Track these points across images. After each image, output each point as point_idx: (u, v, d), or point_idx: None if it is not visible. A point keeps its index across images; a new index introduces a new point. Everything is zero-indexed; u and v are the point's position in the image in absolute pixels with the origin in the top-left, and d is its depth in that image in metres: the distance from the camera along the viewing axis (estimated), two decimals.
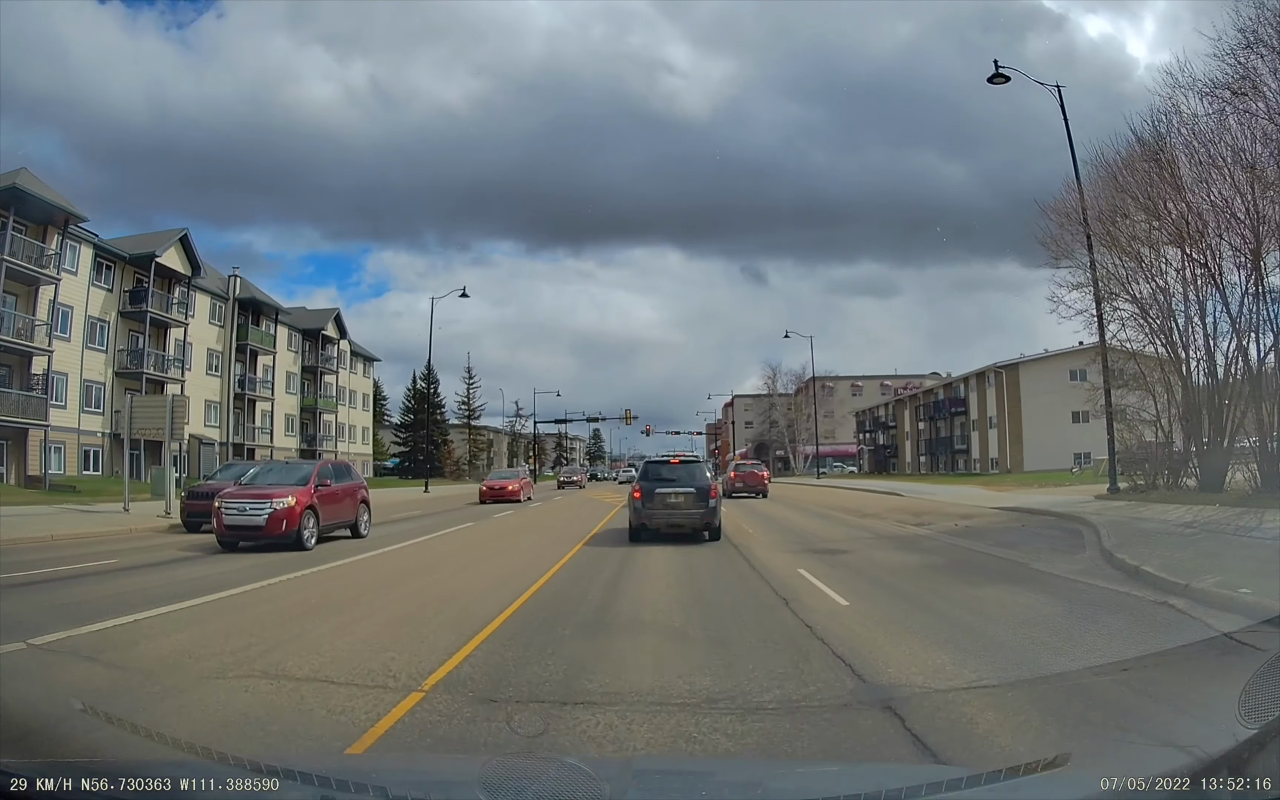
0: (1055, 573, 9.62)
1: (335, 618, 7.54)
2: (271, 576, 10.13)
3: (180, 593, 8.74)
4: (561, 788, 2.07)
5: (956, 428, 61.09)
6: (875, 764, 3.68)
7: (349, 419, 66.56)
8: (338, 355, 64.06)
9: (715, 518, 13.77)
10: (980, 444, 57.19)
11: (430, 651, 5.93)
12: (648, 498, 13.68)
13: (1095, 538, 12.08)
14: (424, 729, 4.29)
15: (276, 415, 56.53)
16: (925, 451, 66.21)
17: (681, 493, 13.61)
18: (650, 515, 13.67)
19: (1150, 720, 4.21)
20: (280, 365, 57.09)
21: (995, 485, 35.55)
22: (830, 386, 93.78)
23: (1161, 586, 7.92)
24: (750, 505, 27.35)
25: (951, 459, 61.52)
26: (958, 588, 8.83)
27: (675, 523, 13.66)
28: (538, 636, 6.50)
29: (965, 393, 59.99)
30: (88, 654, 5.95)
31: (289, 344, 58.73)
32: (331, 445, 62.67)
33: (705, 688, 4.93)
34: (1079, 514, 15.68)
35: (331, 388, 63.14)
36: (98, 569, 11.17)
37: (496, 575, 10.49)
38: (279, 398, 56.83)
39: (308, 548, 13.24)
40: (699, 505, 13.59)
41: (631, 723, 4.34)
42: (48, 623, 6.77)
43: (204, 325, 49.30)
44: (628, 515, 14.57)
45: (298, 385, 59.64)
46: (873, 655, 5.73)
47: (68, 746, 3.60)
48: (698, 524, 13.71)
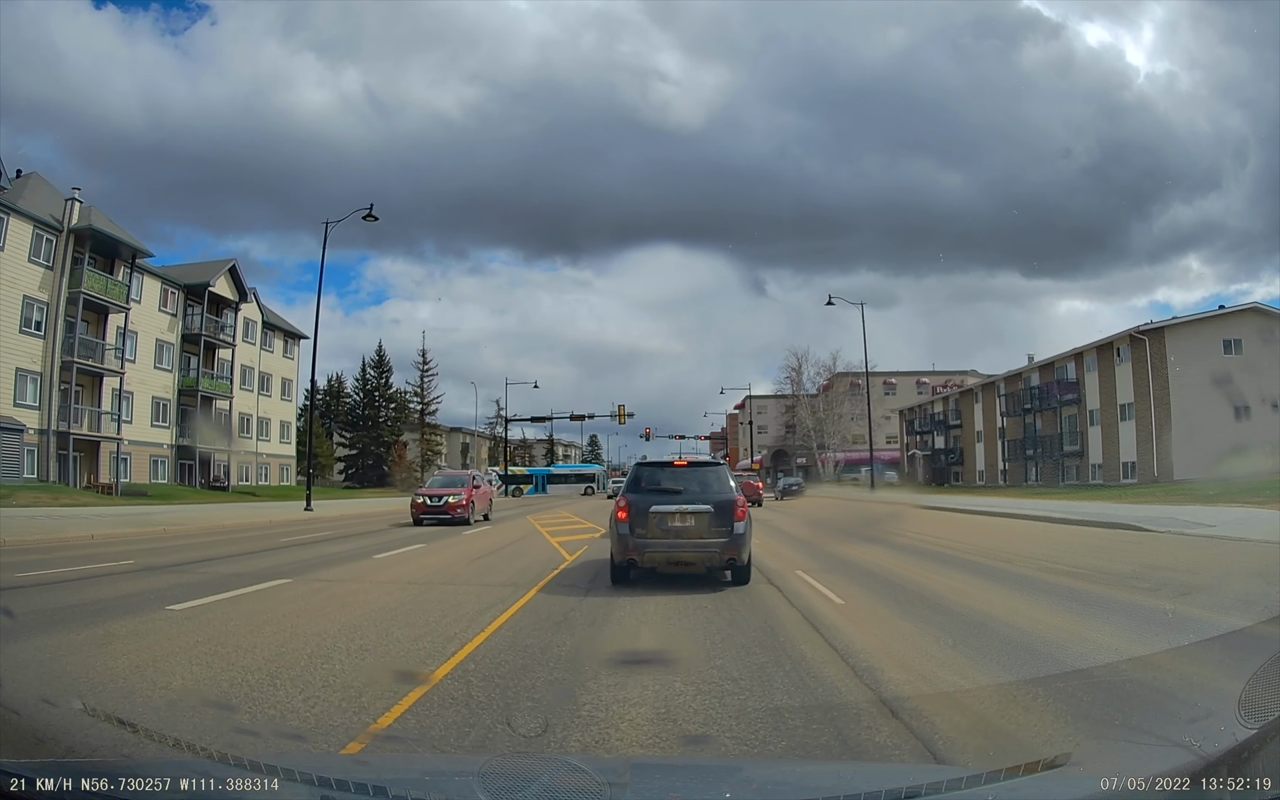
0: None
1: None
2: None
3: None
4: (561, 787, 2.12)
5: (1063, 422, 45.42)
6: (876, 764, 3.58)
7: (257, 409, 51.02)
8: (237, 324, 48.70)
9: (743, 549, 9.22)
10: (1104, 443, 41.55)
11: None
12: (639, 518, 9.27)
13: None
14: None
15: (138, 397, 41.18)
16: (1013, 456, 50.45)
17: (691, 511, 9.18)
18: (643, 545, 9.23)
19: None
20: (145, 329, 41.90)
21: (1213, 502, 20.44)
22: (859, 384, 79.09)
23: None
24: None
25: (1056, 465, 45.79)
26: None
27: (681, 558, 9.23)
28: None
29: (1078, 373, 44.38)
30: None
31: (162, 302, 43.52)
32: (225, 442, 47.20)
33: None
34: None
35: (227, 365, 47.76)
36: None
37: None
38: (142, 373, 41.53)
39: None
40: (718, 530, 9.12)
41: None
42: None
43: (20, 265, 34.42)
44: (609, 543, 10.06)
45: (173, 358, 44.27)
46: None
47: (65, 746, 3.44)
48: (715, 559, 9.18)
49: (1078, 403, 43.96)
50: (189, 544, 15.40)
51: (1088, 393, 43.30)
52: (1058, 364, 46.66)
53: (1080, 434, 43.81)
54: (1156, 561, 11.18)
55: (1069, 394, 44.35)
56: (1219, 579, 9.68)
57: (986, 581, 9.70)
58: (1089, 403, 43.19)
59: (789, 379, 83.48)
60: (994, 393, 54.18)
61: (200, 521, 21.95)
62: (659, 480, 9.75)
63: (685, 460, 10.30)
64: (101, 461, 38.93)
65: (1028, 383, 49.23)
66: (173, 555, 12.87)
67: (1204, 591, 8.72)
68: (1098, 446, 42.32)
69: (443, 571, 11.00)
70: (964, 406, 59.63)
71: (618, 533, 9.41)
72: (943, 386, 79.23)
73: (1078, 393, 43.94)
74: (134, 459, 41.21)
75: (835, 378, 79.82)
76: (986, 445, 55.21)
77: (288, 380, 55.20)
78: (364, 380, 69.59)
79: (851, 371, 77.63)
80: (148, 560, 12.08)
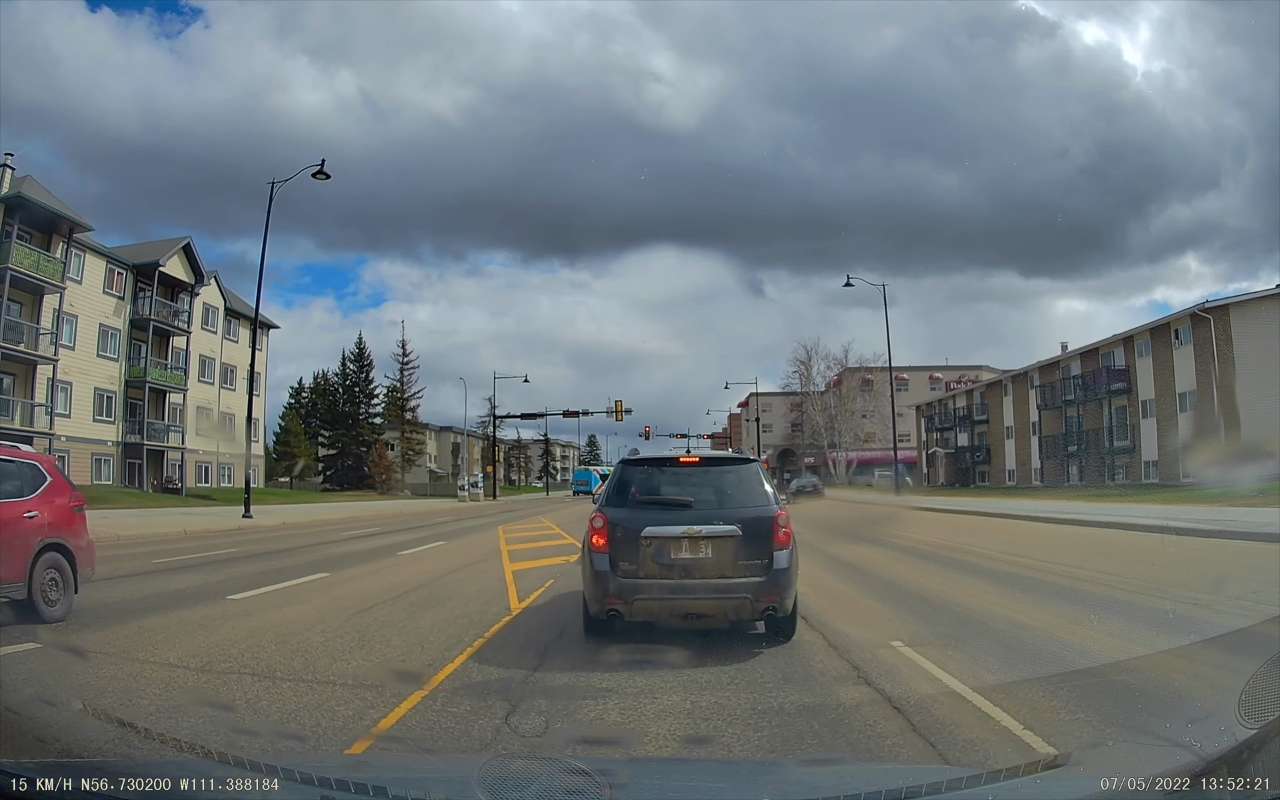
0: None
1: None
2: None
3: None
4: (561, 787, 2.09)
5: (1111, 415, 40.78)
6: (876, 763, 3.52)
7: (219, 403, 46.53)
8: (194, 310, 44.21)
9: (787, 591, 5.93)
10: (1160, 438, 36.93)
11: None
12: (625, 546, 5.87)
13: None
14: None
15: (78, 388, 36.76)
16: (1050, 453, 45.78)
17: (706, 536, 5.81)
18: (632, 589, 5.80)
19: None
20: (87, 312, 37.50)
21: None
22: (870, 379, 75.02)
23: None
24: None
25: (1102, 463, 41.14)
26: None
27: (692, 609, 5.91)
28: None
29: (1128, 360, 39.74)
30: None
31: (107, 284, 39.05)
32: (180, 439, 42.71)
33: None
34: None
35: (183, 354, 43.26)
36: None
37: None
38: (83, 362, 37.11)
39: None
40: (749, 563, 5.81)
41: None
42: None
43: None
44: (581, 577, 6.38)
45: (120, 346, 39.79)
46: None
47: (68, 746, 3.41)
48: (746, 608, 5.85)
49: (1128, 393, 39.29)
50: None
51: (1140, 381, 38.65)
52: (1103, 350, 41.99)
53: (1131, 428, 39.15)
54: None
55: (1118, 383, 39.68)
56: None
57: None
58: (1141, 392, 38.54)
59: (796, 374, 79.02)
60: (1026, 384, 49.53)
61: (96, 532, 17.45)
62: (656, 486, 6.34)
63: (695, 456, 6.87)
64: None
65: (1067, 372, 44.56)
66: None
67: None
68: (1152, 441, 37.68)
69: (283, 642, 6.47)
70: (990, 400, 54.96)
71: (592, 568, 6.00)
72: (956, 382, 74.65)
73: (1128, 381, 39.28)
74: (73, 457, 36.63)
75: (846, 373, 75.32)
76: (1018, 442, 50.56)
77: (255, 373, 50.57)
78: (344, 374, 65.08)
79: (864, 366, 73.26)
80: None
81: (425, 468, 74.76)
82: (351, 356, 65.44)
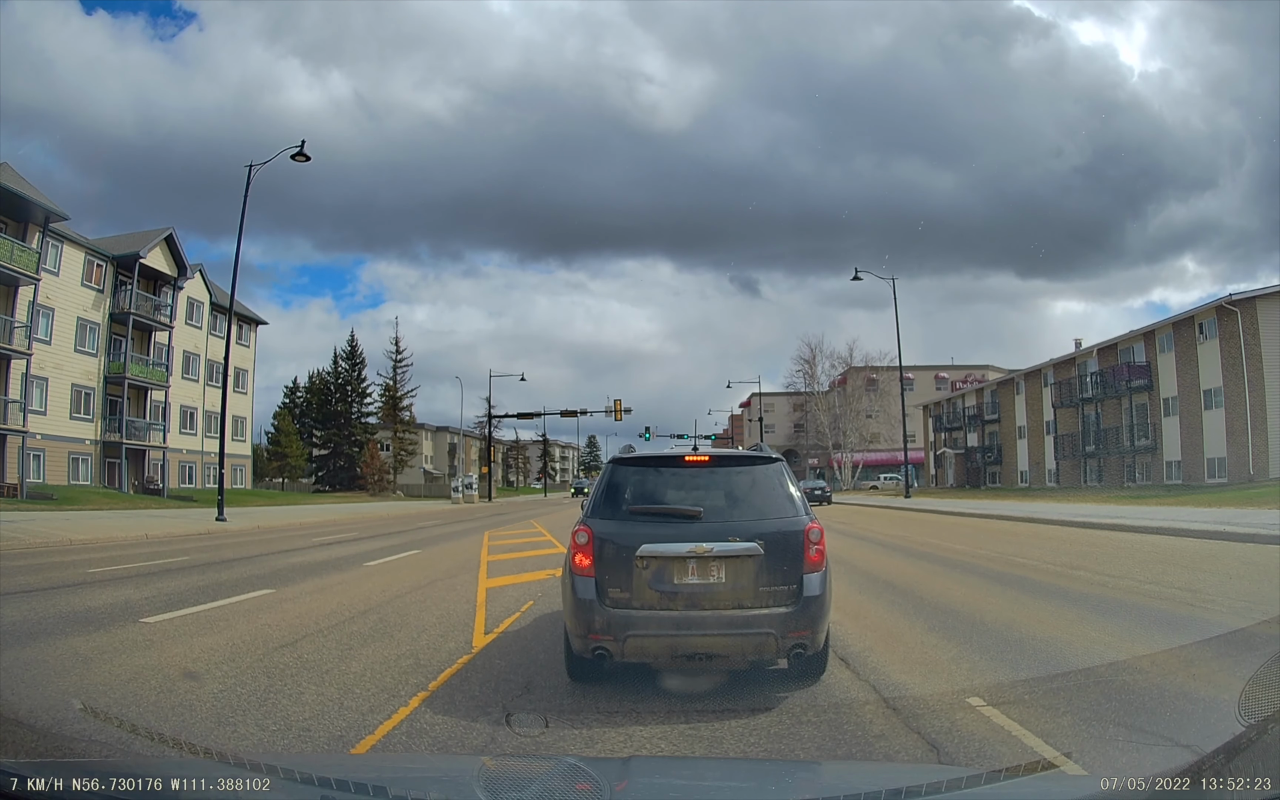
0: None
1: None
2: None
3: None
4: (561, 787, 2.05)
5: (1132, 413, 39.14)
6: (876, 763, 3.48)
7: (203, 400, 44.92)
8: (178, 304, 42.61)
9: (819, 623, 4.60)
10: (1184, 437, 35.32)
11: None
12: (615, 567, 4.56)
13: None
14: None
15: (54, 384, 35.15)
16: (1065, 454, 44.12)
17: (718, 555, 4.48)
18: (624, 622, 4.46)
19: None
20: (64, 305, 35.92)
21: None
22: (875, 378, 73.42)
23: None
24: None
25: (1122, 463, 39.51)
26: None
27: (701, 647, 4.50)
28: None
29: (1149, 355, 38.12)
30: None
31: (86, 276, 37.47)
32: (162, 437, 41.10)
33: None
34: None
35: (165, 350, 41.66)
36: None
37: None
38: (59, 356, 35.52)
39: None
40: (772, 589, 4.50)
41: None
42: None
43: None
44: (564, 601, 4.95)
45: (99, 341, 38.18)
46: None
47: (64, 746, 3.38)
48: (769, 646, 4.48)
49: (1149, 390, 37.67)
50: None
51: (1162, 378, 37.04)
52: (1121, 346, 40.38)
53: (1153, 426, 37.52)
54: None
55: (1138, 379, 38.06)
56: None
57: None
58: (1163, 390, 36.93)
59: (800, 372, 77.25)
60: (1040, 382, 47.91)
61: (49, 536, 15.91)
62: (656, 491, 4.97)
63: (704, 454, 5.30)
64: (8, 458, 32.87)
65: (1084, 369, 42.92)
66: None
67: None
68: (1175, 440, 36.06)
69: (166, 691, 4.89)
70: (1003, 399, 53.32)
71: (574, 595, 4.64)
72: (963, 381, 73.01)
73: (1149, 378, 37.67)
74: (49, 456, 35.14)
75: (851, 371, 73.57)
76: (1031, 442, 48.94)
77: (242, 370, 49.00)
78: (336, 372, 63.46)
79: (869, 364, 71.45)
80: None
81: (420, 468, 73.16)
82: (343, 354, 63.93)
